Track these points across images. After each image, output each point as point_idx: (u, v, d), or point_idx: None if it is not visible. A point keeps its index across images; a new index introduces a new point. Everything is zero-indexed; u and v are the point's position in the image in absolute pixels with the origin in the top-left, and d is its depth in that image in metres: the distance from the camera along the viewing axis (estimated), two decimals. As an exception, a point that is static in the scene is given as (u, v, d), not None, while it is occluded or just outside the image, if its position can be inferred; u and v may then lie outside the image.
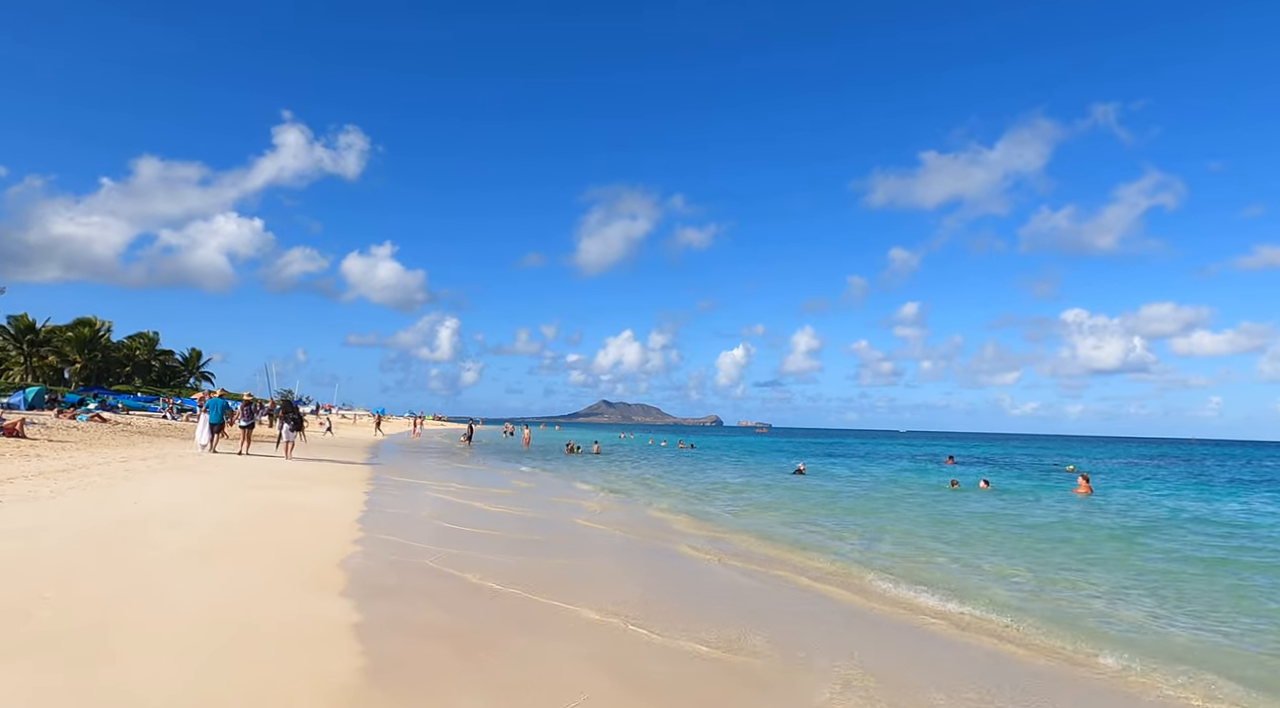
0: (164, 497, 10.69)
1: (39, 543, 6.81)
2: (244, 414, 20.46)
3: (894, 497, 20.32)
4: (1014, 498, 20.68)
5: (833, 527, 13.58)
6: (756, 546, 10.82)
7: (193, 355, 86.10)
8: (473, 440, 45.54)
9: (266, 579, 6.24)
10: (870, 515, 15.67)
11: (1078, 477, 23.95)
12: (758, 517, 14.73)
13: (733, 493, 19.85)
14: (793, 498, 18.79)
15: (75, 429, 22.74)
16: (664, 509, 15.05)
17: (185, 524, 8.53)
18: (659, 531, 11.97)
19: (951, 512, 16.63)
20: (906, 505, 18.08)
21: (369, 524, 9.75)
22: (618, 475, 24.35)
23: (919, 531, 13.46)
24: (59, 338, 68.02)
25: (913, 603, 7.54)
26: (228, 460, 18.24)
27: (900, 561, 10.27)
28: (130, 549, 6.84)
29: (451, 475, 20.60)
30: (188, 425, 33.09)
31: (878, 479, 27.43)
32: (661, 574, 8.45)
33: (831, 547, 11.17)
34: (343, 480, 15.97)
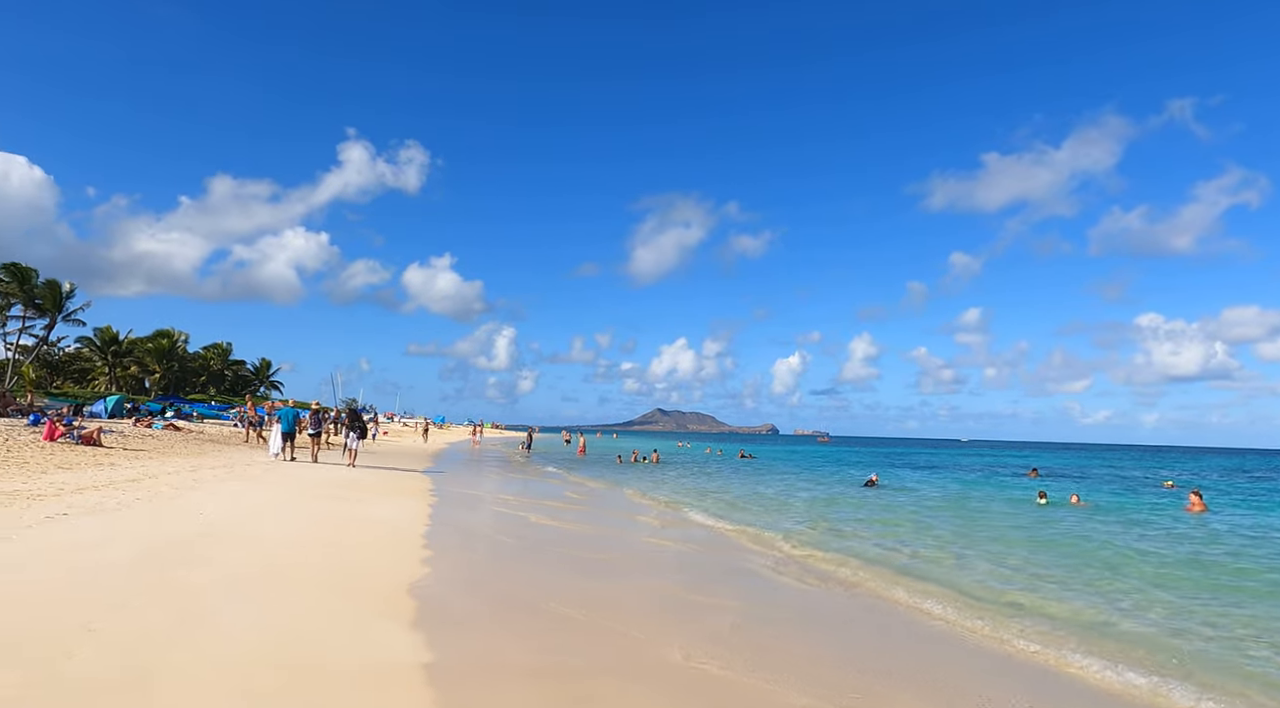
0: (228, 509, 10.40)
1: (97, 561, 6.43)
2: (312, 422, 20.85)
3: (981, 512, 18.91)
4: (1117, 517, 18.96)
5: (929, 547, 12.46)
6: (850, 569, 9.87)
7: (263, 365, 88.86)
8: (532, 448, 45.39)
9: (330, 607, 5.68)
10: (965, 535, 14.41)
11: (1188, 493, 21.91)
12: (839, 534, 13.71)
13: (805, 506, 18.82)
14: (871, 513, 17.64)
15: (150, 437, 23.19)
16: (735, 525, 14.17)
17: (247, 540, 8.12)
18: (736, 549, 11.14)
19: (1055, 533, 15.18)
20: (1000, 523, 16.70)
21: (436, 541, 9.21)
22: (681, 486, 23.53)
23: (1028, 555, 12.19)
24: (140, 349, 70.89)
25: (1107, 685, 6.42)
26: (293, 469, 18.17)
27: (1027, 593, 9.13)
28: (189, 570, 6.39)
29: (515, 486, 20.15)
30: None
31: (955, 492, 25.85)
32: (753, 600, 7.62)
33: (935, 574, 10.10)
34: (406, 491, 15.62)
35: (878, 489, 25.12)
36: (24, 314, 55.91)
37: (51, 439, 17.78)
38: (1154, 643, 6.87)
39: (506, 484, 20.56)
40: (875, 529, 14.47)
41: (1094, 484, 32.76)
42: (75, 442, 17.94)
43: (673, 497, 19.51)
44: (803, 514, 16.90)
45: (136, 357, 70.90)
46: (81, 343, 68.10)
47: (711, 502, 18.90)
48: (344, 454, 20.65)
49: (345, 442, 20.68)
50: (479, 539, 10.35)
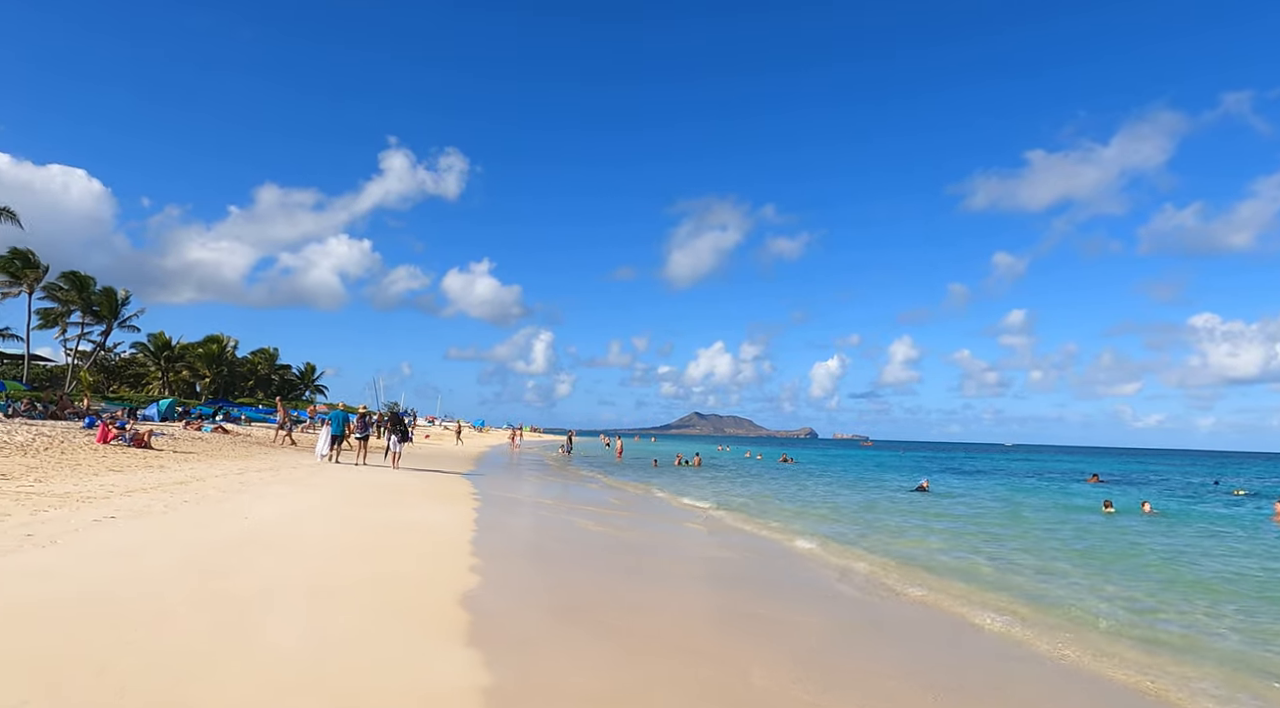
0: (273, 513, 10.20)
1: (140, 569, 6.18)
2: (359, 426, 21.12)
3: (1046, 521, 17.95)
4: (1194, 527, 17.81)
5: (999, 559, 11.72)
6: (922, 584, 9.23)
7: (308, 369, 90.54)
8: (572, 451, 45.25)
9: (378, 621, 5.31)
10: (1034, 547, 13.59)
11: (1274, 503, 20.51)
12: (898, 542, 13.02)
13: (855, 511, 18.11)
14: (928, 521, 16.84)
15: (200, 440, 23.45)
16: (788, 531, 13.57)
17: (291, 546, 7.84)
18: (794, 558, 10.57)
19: (1126, 544, 14.25)
20: (1065, 532, 15.79)
21: (484, 549, 8.84)
22: (727, 491, 22.93)
23: (1106, 568, 11.38)
24: (191, 354, 72.70)
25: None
26: (338, 472, 18.11)
27: (1123, 613, 8.41)
28: (231, 579, 6.10)
29: (558, 490, 19.82)
30: (302, 437, 34.07)
31: (1013, 498, 24.76)
32: (826, 615, 7.07)
33: (1015, 588, 9.40)
34: (449, 496, 15.35)
35: (930, 495, 24.21)
36: (82, 320, 57.71)
37: (105, 442, 17.99)
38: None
39: (549, 488, 20.24)
40: (937, 539, 13.72)
41: (1159, 491, 31.25)
42: (127, 444, 18.12)
43: (720, 501, 18.96)
44: (855, 520, 16.22)
45: (188, 361, 72.71)
46: (136, 348, 70.07)
47: (760, 506, 18.31)
48: (386, 457, 20.78)
49: (387, 445, 20.82)
50: (527, 546, 9.97)
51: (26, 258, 50.29)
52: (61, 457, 14.51)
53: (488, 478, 22.17)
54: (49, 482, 10.79)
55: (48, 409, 27.58)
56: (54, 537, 6.96)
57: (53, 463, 13.22)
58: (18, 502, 8.74)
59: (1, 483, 10.12)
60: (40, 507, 8.54)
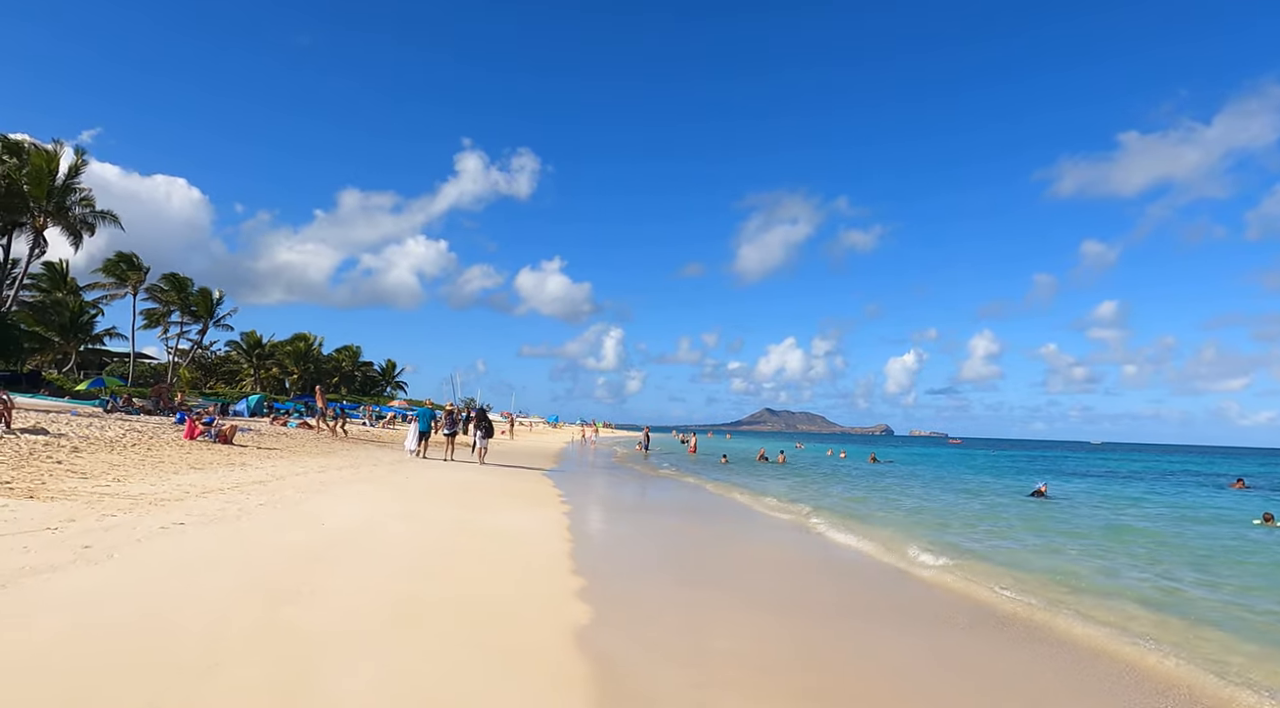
0: (351, 518, 9.35)
1: (200, 590, 5.26)
2: (447, 423, 21.92)
3: (1204, 536, 15.55)
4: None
5: (1162, 577, 9.83)
6: (1148, 643, 7.55)
7: (388, 367, 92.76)
8: (649, 448, 44.21)
9: (479, 668, 4.17)
10: (1208, 565, 11.55)
11: None
12: (1061, 564, 11.20)
13: (974, 520, 16.17)
14: (1063, 533, 14.75)
15: (284, 436, 23.41)
16: (932, 551, 11.92)
17: (369, 562, 6.86)
18: (955, 594, 8.99)
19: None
20: (1230, 548, 13.53)
21: (586, 564, 7.69)
22: (826, 496, 21.16)
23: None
24: (280, 352, 75.32)
25: None
26: (421, 469, 17.46)
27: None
28: (300, 609, 5.09)
29: (650, 492, 18.67)
30: (383, 432, 34.12)
31: (1148, 505, 22.12)
32: (1047, 684, 5.57)
33: (1216, 618, 7.60)
34: (536, 498, 14.38)
35: (1050, 502, 21.86)
36: (181, 320, 60.35)
37: (191, 438, 17.86)
38: None
39: (639, 489, 19.10)
40: (1092, 563, 11.56)
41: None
42: (212, 440, 17.95)
43: (826, 508, 17.36)
44: (982, 534, 14.32)
45: (277, 359, 75.35)
46: (230, 347, 73.04)
47: (878, 515, 16.58)
48: (473, 452, 21.29)
49: (473, 441, 21.45)
50: (636, 562, 8.77)
51: (131, 261, 52.71)
52: (146, 454, 14.23)
53: (570, 477, 21.23)
54: (127, 482, 10.27)
55: (153, 404, 28.22)
56: (113, 549, 6.16)
57: (135, 461, 12.86)
58: (89, 505, 8.11)
59: (80, 483, 9.61)
60: (109, 511, 7.87)
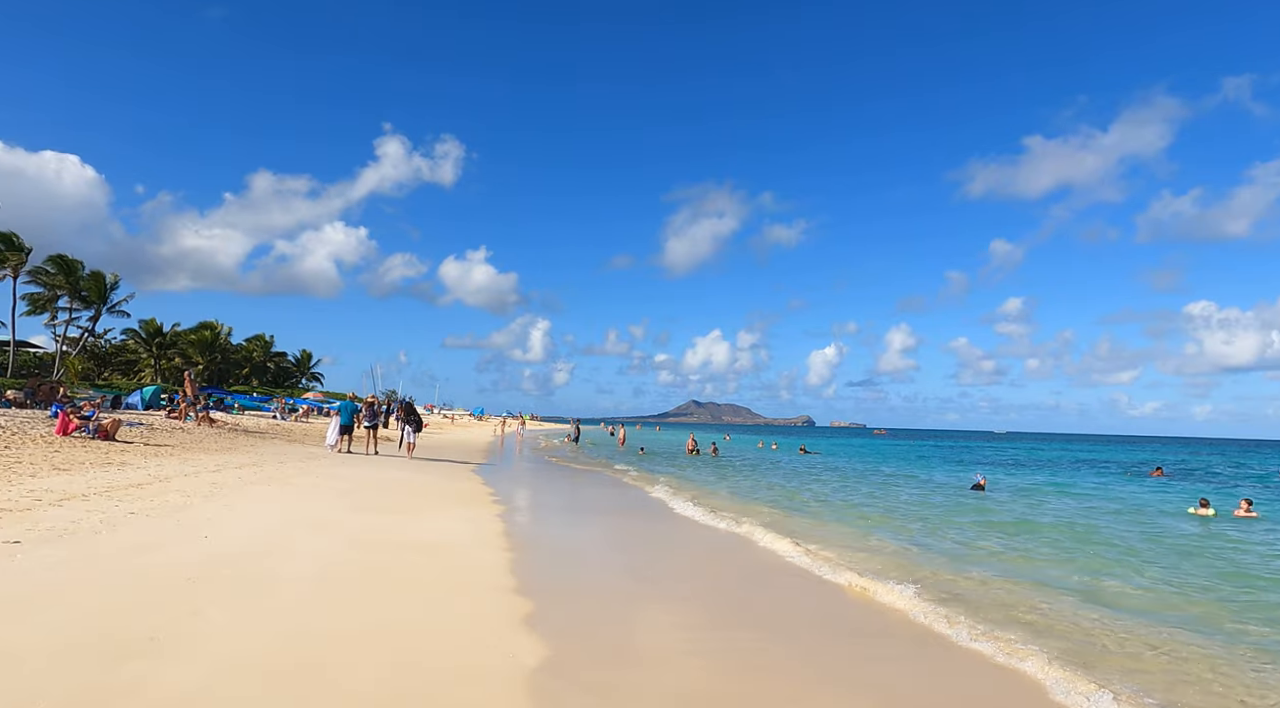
0: (246, 528, 7.86)
1: (11, 642, 3.85)
2: (368, 416, 20.83)
3: (1151, 530, 15.25)
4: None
5: (1165, 583, 9.40)
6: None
7: (304, 357, 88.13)
8: (579, 440, 43.00)
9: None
10: (1166, 562, 11.27)
11: None
12: (1022, 565, 10.66)
13: (938, 522, 15.72)
14: (1023, 531, 14.21)
15: (180, 431, 21.12)
16: (901, 558, 11.22)
17: (259, 585, 5.49)
18: (968, 629, 8.21)
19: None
20: (1178, 541, 13.43)
21: (531, 581, 6.52)
22: (767, 491, 20.43)
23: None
24: (184, 341, 70.40)
25: None
26: (338, 466, 15.80)
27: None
28: (151, 661, 3.75)
29: (586, 489, 17.51)
30: (295, 426, 31.78)
31: (1086, 498, 21.96)
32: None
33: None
34: (466, 497, 13.06)
35: (993, 495, 21.46)
36: (70, 306, 55.35)
37: (65, 433, 15.65)
38: None
39: (577, 487, 17.90)
40: (1078, 575, 10.44)
41: (1221, 486, 28.79)
42: (90, 436, 15.77)
43: (772, 505, 16.64)
44: (951, 540, 13.78)
45: (180, 348, 70.40)
46: (127, 335, 67.88)
47: (831, 515, 15.91)
48: (400, 447, 20.59)
49: (401, 434, 20.76)
50: (586, 575, 7.61)
51: (10, 240, 47.87)
52: (3, 451, 12.17)
53: (502, 473, 19.90)
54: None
55: (26, 396, 25.15)
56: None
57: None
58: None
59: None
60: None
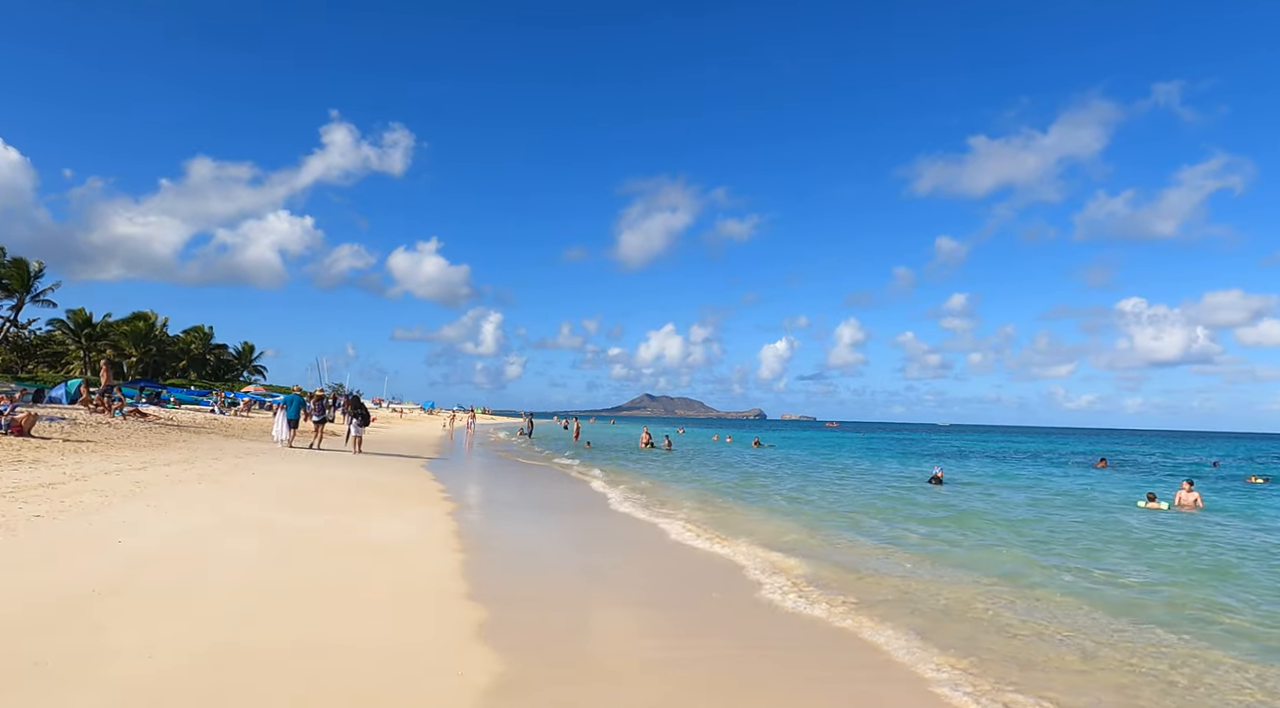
0: (169, 530, 7.14)
1: None
2: (315, 410, 20.49)
3: (1110, 524, 14.98)
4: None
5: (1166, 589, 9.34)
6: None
7: (245, 349, 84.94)
8: (532, 434, 42.32)
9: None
10: (1154, 559, 11.32)
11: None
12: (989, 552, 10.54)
13: (897, 518, 15.65)
14: (1004, 529, 13.11)
15: (106, 426, 19.79)
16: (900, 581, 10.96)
17: (180, 599, 4.86)
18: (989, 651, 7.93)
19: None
20: (1145, 538, 13.52)
21: (484, 587, 6.01)
22: (727, 486, 20.12)
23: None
24: (115, 332, 67.18)
25: None
26: (277, 462, 14.93)
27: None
28: (25, 698, 3.16)
29: (540, 485, 16.97)
30: (235, 420, 30.36)
31: (1042, 490, 21.39)
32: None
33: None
34: (415, 494, 12.42)
35: (952, 488, 21.29)
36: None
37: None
38: None
39: (531, 483, 17.34)
40: (1082, 583, 10.25)
41: (1161, 478, 29.54)
42: (3, 431, 14.57)
43: (736, 502, 16.37)
44: (917, 538, 13.63)
45: (112, 340, 67.13)
46: (54, 325, 64.46)
47: (791, 512, 15.58)
48: (347, 442, 20.20)
49: (348, 429, 20.32)
50: (544, 579, 7.11)
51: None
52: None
53: (453, 468, 19.21)
54: None
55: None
56: None
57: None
58: None
59: None
60: None
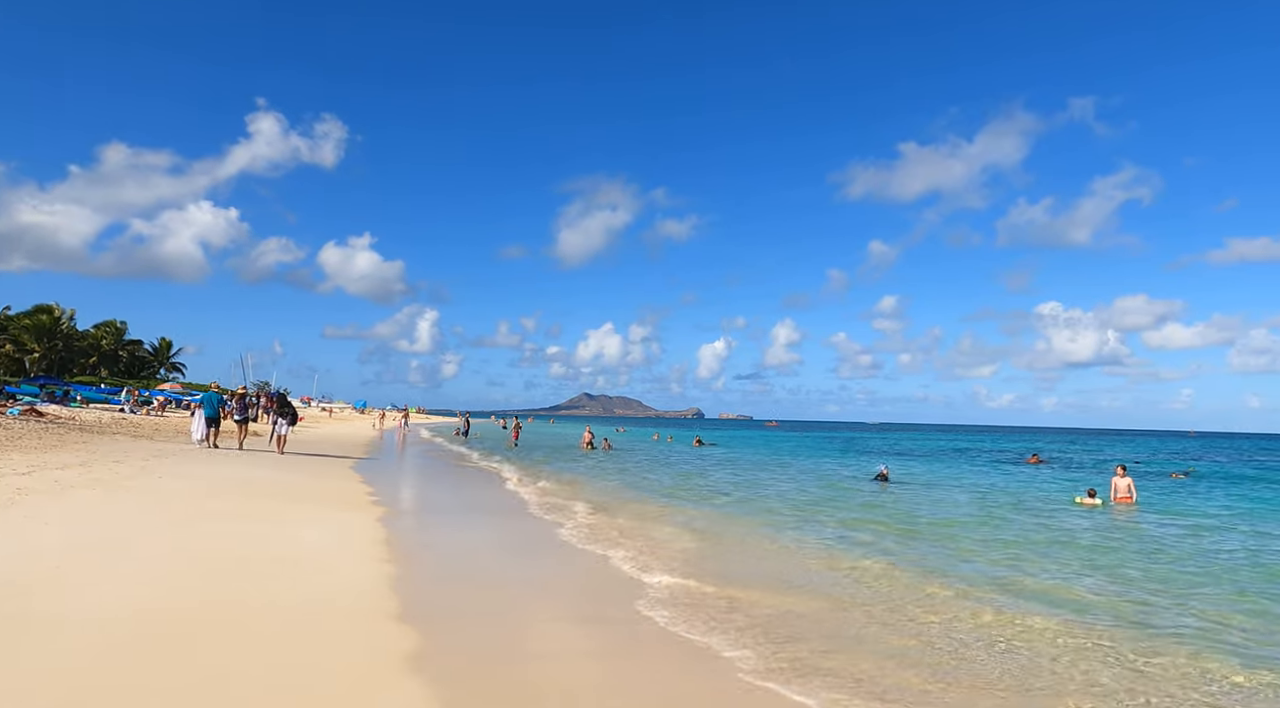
0: (47, 542, 6.22)
1: None
2: (238, 408, 19.65)
3: (1056, 525, 14.85)
4: (1246, 528, 13.54)
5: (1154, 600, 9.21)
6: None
7: (162, 345, 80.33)
8: (469, 435, 41.03)
9: None
10: (1124, 559, 11.29)
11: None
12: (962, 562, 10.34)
13: (857, 519, 15.47)
14: (983, 531, 12.30)
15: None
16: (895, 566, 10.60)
17: (36, 633, 4.08)
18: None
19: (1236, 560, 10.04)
20: (1104, 538, 13.47)
21: (416, 606, 5.38)
22: (681, 487, 18.98)
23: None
24: (15, 325, 62.66)
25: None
26: (191, 465, 13.76)
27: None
28: None
29: (475, 490, 16.20)
30: (146, 420, 28.40)
31: (985, 489, 20.65)
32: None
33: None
34: (342, 498, 11.57)
35: (897, 487, 20.72)
36: None
37: None
38: None
39: (462, 486, 16.53)
40: (1056, 576, 8.64)
41: (1090, 472, 30.32)
42: None
43: (673, 505, 15.94)
44: (867, 535, 13.37)
45: (12, 334, 62.58)
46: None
47: (743, 518, 14.85)
48: (271, 441, 19.50)
49: (273, 428, 19.69)
50: (483, 595, 6.49)
51: None
52: None
53: (385, 470, 18.29)
54: None
55: None
56: None
57: None
58: None
59: None
60: None
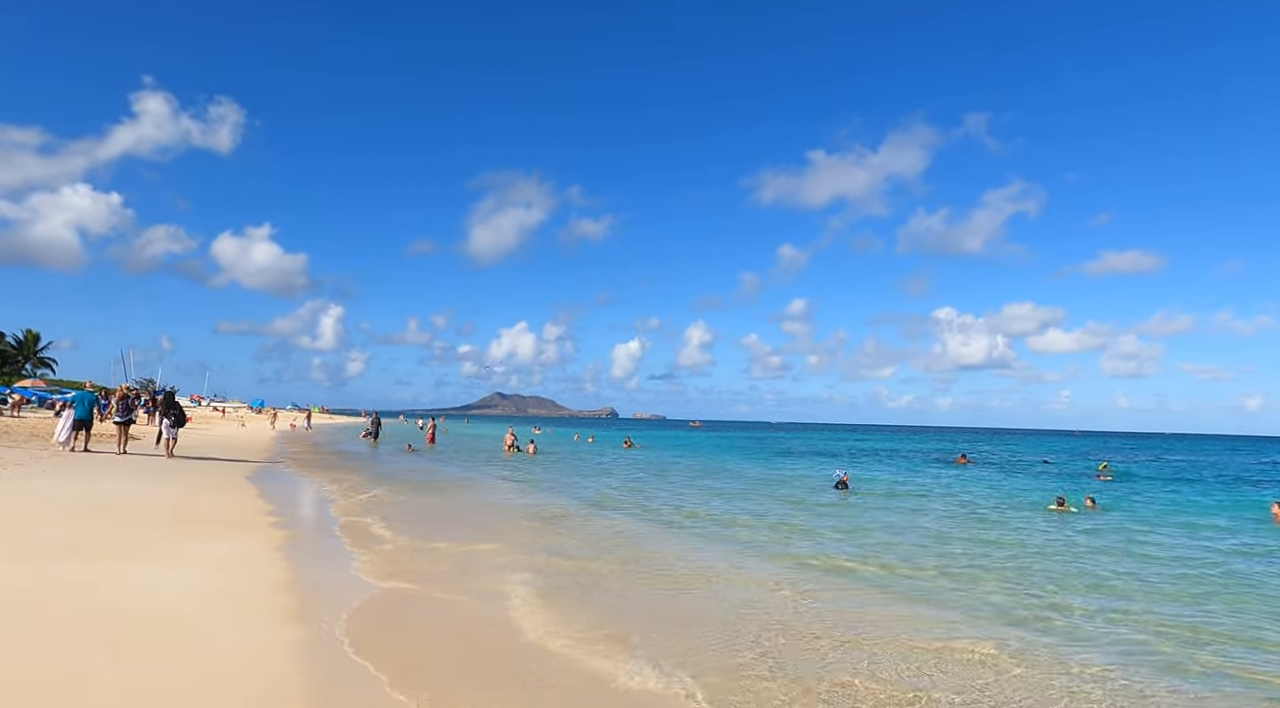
0: None
1: None
2: (120, 409, 18.25)
3: (1030, 533, 14.21)
4: (1187, 526, 13.77)
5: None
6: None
7: (28, 339, 71.89)
8: (378, 437, 37.24)
9: None
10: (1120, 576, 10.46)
11: (1273, 506, 16.62)
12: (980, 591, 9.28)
13: (841, 542, 14.37)
14: (979, 549, 11.49)
15: None
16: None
17: None
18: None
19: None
20: (1091, 549, 12.80)
21: (341, 699, 3.68)
22: (637, 501, 17.47)
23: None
24: None
25: None
26: (45, 471, 11.25)
27: None
28: None
29: (399, 501, 14.16)
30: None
31: (955, 496, 19.12)
32: None
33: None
34: (231, 515, 9.49)
35: (859, 496, 19.06)
36: None
37: None
38: None
39: (386, 500, 14.34)
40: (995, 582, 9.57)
41: (1016, 472, 30.62)
42: None
43: (635, 510, 14.42)
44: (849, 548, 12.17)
45: None
46: None
47: (719, 539, 13.32)
48: (158, 444, 18.45)
49: (160, 430, 18.57)
50: (438, 670, 4.79)
51: None
52: None
53: (284, 480, 15.97)
54: None
55: None
56: None
57: None
58: None
59: None
60: None
